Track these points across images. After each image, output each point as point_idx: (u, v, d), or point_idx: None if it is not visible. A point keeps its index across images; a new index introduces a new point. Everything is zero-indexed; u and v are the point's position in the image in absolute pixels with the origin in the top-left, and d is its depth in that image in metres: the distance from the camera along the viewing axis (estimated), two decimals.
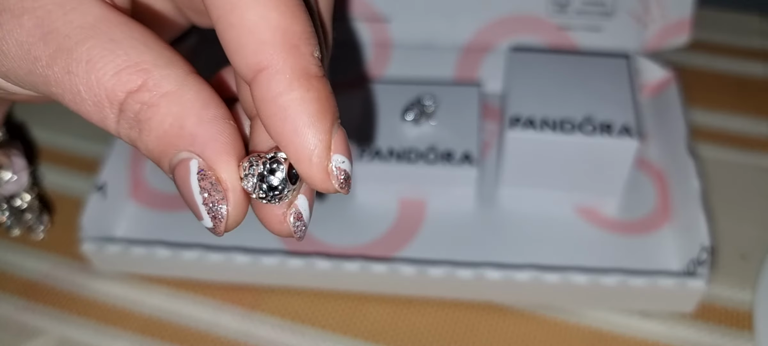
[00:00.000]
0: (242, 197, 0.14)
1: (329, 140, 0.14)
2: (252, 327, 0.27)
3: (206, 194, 0.14)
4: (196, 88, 0.14)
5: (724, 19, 0.39)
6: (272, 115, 0.14)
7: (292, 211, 0.15)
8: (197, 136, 0.14)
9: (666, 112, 0.32)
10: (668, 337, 0.26)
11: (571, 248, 0.29)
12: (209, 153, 0.14)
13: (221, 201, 0.14)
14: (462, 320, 0.27)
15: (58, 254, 0.30)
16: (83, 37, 0.13)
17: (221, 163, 0.14)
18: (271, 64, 0.14)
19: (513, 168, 0.29)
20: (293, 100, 0.14)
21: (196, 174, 0.14)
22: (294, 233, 0.15)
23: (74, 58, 0.13)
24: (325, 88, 0.14)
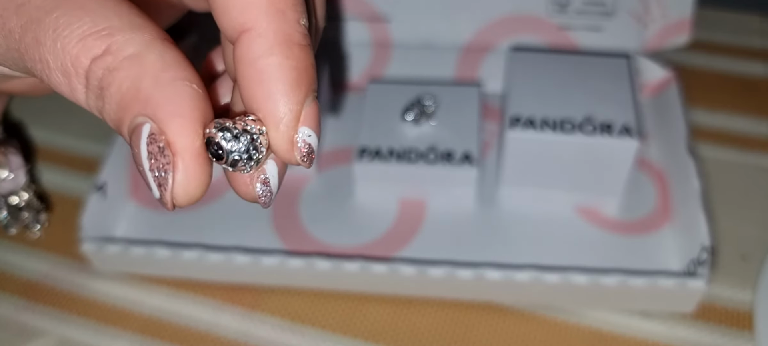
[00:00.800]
0: (195, 163, 0.13)
1: (300, 111, 0.14)
2: (252, 327, 0.27)
3: (153, 159, 0.13)
4: (159, 51, 0.13)
5: (724, 19, 0.39)
6: (248, 77, 0.14)
7: (259, 176, 0.15)
8: (151, 98, 0.13)
9: (666, 112, 0.32)
10: (668, 337, 0.26)
11: (572, 248, 0.29)
12: (161, 115, 0.13)
13: (167, 166, 0.13)
14: (462, 320, 0.27)
15: (57, 254, 0.30)
16: (52, 7, 0.13)
17: (173, 126, 0.13)
18: (255, 26, 0.13)
19: (513, 168, 0.29)
20: (271, 65, 0.13)
21: (146, 138, 0.13)
22: (259, 198, 0.15)
23: (42, 27, 0.13)
24: (306, 57, 0.14)
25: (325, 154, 0.33)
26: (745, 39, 0.38)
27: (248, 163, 0.14)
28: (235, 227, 0.30)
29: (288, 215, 0.31)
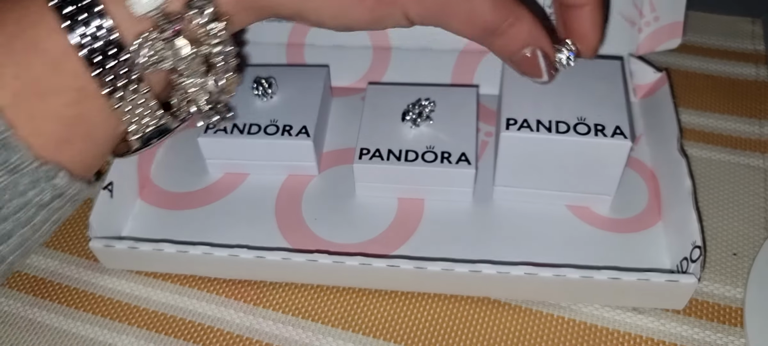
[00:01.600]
0: (551, 63, 0.25)
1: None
2: (256, 322, 0.28)
3: (547, 63, 0.25)
4: (528, 12, 0.24)
5: (715, 21, 0.40)
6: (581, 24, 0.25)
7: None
8: (538, 39, 0.24)
9: (658, 113, 0.33)
10: (660, 333, 0.27)
11: (566, 245, 0.29)
12: (547, 47, 0.25)
13: (550, 65, 0.25)
14: (459, 315, 0.28)
15: (66, 252, 0.31)
16: None
17: (549, 50, 0.25)
18: None
19: (508, 168, 0.30)
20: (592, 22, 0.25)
21: (541, 56, 0.25)
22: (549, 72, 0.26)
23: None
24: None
25: (326, 155, 0.34)
26: (736, 42, 0.39)
27: (563, 66, 0.27)
28: (239, 225, 0.31)
29: (291, 213, 0.31)
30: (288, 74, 0.34)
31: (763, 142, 0.33)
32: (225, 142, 0.32)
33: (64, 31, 0.18)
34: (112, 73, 0.18)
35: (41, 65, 0.18)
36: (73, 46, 0.18)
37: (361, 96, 0.34)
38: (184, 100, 0.21)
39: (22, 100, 0.18)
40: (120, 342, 0.27)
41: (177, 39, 0.19)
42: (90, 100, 0.19)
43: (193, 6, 0.19)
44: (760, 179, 0.32)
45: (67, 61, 0.18)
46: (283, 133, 0.31)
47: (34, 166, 0.18)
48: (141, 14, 0.18)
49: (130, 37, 0.19)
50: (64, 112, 0.18)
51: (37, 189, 0.18)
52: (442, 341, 0.27)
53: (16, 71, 0.18)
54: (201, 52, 0.19)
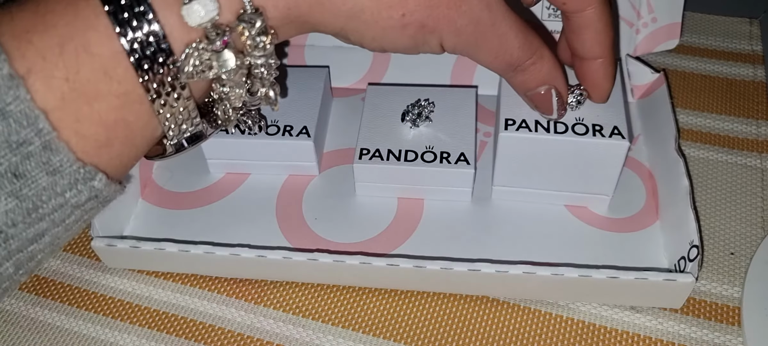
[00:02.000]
0: (564, 103, 0.27)
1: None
2: (257, 320, 0.28)
3: (559, 103, 0.27)
4: (549, 54, 0.25)
5: (713, 22, 0.40)
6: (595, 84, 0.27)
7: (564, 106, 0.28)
8: (555, 79, 0.26)
9: (656, 113, 0.33)
10: (658, 332, 0.27)
11: (564, 244, 0.29)
12: (560, 86, 0.26)
13: (561, 105, 0.27)
14: (458, 314, 0.28)
15: (68, 252, 0.31)
16: (492, 22, 0.23)
17: (563, 90, 0.27)
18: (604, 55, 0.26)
19: (507, 168, 0.30)
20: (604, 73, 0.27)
21: (555, 94, 0.26)
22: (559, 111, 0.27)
23: (490, 33, 0.23)
24: None
25: (326, 155, 0.34)
26: (733, 42, 0.39)
27: (571, 106, 0.28)
28: (240, 225, 0.31)
29: (291, 212, 0.32)
30: (289, 75, 0.34)
31: (760, 143, 0.33)
32: (226, 143, 0.32)
33: (116, 37, 0.18)
34: (159, 79, 0.19)
35: (91, 69, 0.18)
36: (123, 51, 0.18)
37: (361, 96, 0.34)
38: (223, 108, 0.21)
39: (69, 103, 0.18)
40: (122, 341, 0.28)
41: (225, 50, 0.19)
42: (134, 104, 0.19)
43: (243, 19, 0.19)
44: (757, 178, 0.32)
45: (116, 66, 0.18)
46: (283, 133, 0.31)
47: (74, 168, 0.18)
48: (194, 25, 0.19)
49: (180, 46, 0.19)
50: (108, 116, 0.19)
51: (75, 190, 0.19)
52: (441, 340, 0.27)
53: (67, 74, 0.18)
54: (245, 63, 0.20)
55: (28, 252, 0.19)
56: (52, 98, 0.18)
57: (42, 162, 0.18)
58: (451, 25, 0.22)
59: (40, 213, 0.18)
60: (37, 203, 0.18)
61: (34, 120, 0.17)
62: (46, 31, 0.18)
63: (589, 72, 0.27)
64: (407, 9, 0.21)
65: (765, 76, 0.37)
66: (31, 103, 0.17)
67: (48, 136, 0.18)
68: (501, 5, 0.23)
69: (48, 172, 0.18)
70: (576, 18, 0.25)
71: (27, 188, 0.18)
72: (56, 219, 0.19)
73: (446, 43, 0.23)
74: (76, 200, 0.19)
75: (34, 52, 0.18)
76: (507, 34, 0.23)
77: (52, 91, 0.18)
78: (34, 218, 0.18)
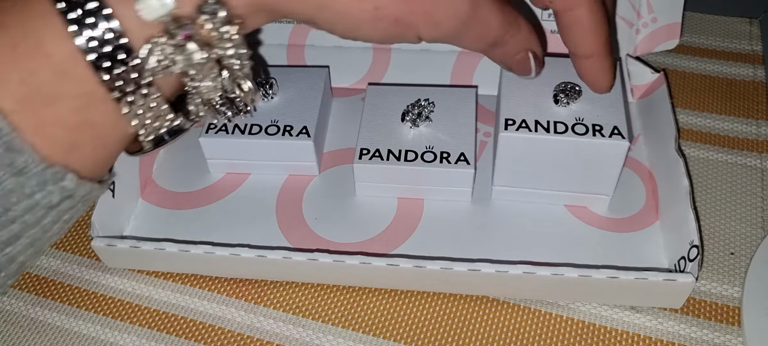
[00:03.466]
0: (541, 62, 0.27)
1: None
2: (257, 320, 0.28)
3: (536, 63, 0.26)
4: (526, 24, 0.25)
5: (713, 22, 0.40)
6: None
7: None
8: (533, 45, 0.26)
9: (656, 113, 0.33)
10: (658, 332, 0.27)
11: (564, 244, 0.29)
12: (537, 49, 0.26)
13: (539, 63, 0.27)
14: (458, 313, 0.28)
15: (68, 251, 0.31)
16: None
17: (540, 52, 0.26)
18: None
19: (507, 168, 0.30)
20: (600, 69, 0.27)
21: (532, 58, 0.26)
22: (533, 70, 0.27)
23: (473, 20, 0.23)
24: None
25: (326, 155, 0.34)
26: (733, 42, 0.39)
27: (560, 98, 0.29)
28: (240, 225, 0.31)
29: (291, 212, 0.32)
30: (289, 75, 0.34)
31: (760, 142, 0.34)
32: (226, 143, 0.32)
33: (71, 36, 0.17)
34: (121, 78, 0.18)
35: (47, 71, 0.18)
36: (79, 51, 0.18)
37: (361, 96, 0.34)
38: (197, 102, 0.21)
39: (27, 106, 0.17)
40: (122, 341, 0.28)
41: (188, 43, 0.18)
42: (98, 105, 0.18)
43: (203, 10, 0.18)
44: (757, 178, 0.32)
45: (73, 66, 0.18)
46: (283, 133, 0.31)
47: (40, 168, 0.18)
48: (150, 19, 0.18)
49: (139, 42, 0.18)
50: (71, 118, 0.18)
51: (45, 191, 0.18)
52: (441, 340, 0.27)
53: (21, 77, 0.17)
54: (213, 56, 0.19)
55: (5, 255, 0.19)
56: (9, 101, 0.17)
57: (5, 163, 0.17)
58: (428, 19, 0.21)
59: (11, 216, 0.18)
60: (6, 205, 0.18)
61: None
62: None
63: (584, 68, 0.27)
64: (380, 3, 0.20)
65: (765, 76, 0.37)
66: None
67: (8, 137, 0.17)
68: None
69: (13, 173, 0.17)
70: (565, 16, 0.25)
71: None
72: (29, 221, 0.18)
73: (425, 36, 0.22)
74: (47, 201, 0.18)
75: None
76: (487, 16, 0.23)
77: (8, 95, 0.17)
78: (5, 221, 0.18)
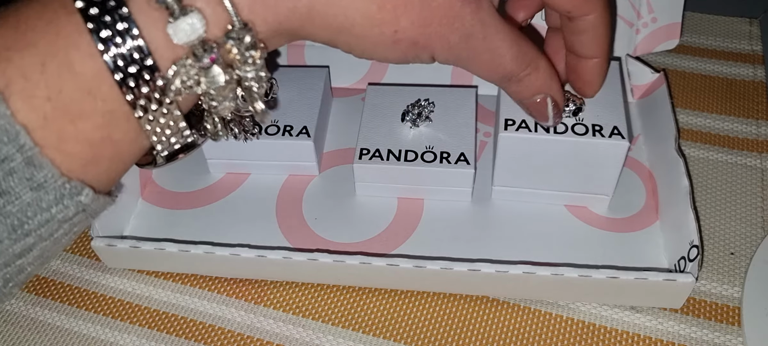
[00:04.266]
0: (560, 110, 0.27)
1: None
2: (257, 320, 0.28)
3: (554, 111, 0.27)
4: (545, 64, 0.25)
5: (713, 22, 0.40)
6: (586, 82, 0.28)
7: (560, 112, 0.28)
8: (551, 88, 0.26)
9: (656, 113, 0.33)
10: (658, 331, 0.27)
11: (564, 244, 0.30)
12: (557, 97, 0.27)
13: (557, 113, 0.27)
14: (458, 313, 0.28)
15: (68, 251, 0.31)
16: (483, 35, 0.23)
17: (559, 98, 0.27)
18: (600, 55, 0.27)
19: (507, 168, 0.30)
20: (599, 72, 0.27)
21: (550, 103, 0.26)
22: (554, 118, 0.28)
23: (481, 47, 0.23)
24: None
25: (326, 155, 0.34)
26: (733, 42, 0.39)
27: (568, 114, 0.29)
28: (240, 225, 0.31)
29: (292, 212, 0.32)
30: (289, 75, 0.34)
31: (759, 142, 0.34)
32: (226, 143, 0.32)
33: (99, 55, 0.18)
34: (146, 97, 0.18)
35: (74, 89, 0.18)
36: (107, 70, 0.18)
37: (361, 96, 0.34)
38: (212, 120, 0.21)
39: (52, 122, 0.18)
40: (122, 341, 0.28)
41: (213, 66, 0.19)
42: (120, 122, 0.19)
43: (231, 36, 0.19)
44: (757, 178, 0.32)
45: (100, 85, 0.18)
46: (284, 133, 0.31)
47: (59, 183, 0.18)
48: (181, 43, 0.18)
49: (166, 63, 0.18)
50: (94, 134, 0.18)
51: (61, 206, 0.18)
52: (441, 340, 0.27)
53: (49, 93, 0.18)
54: (235, 77, 0.19)
55: (16, 266, 0.19)
56: (34, 117, 0.17)
57: (25, 178, 0.17)
58: (443, 42, 0.22)
59: (26, 229, 0.18)
60: (22, 219, 0.18)
61: (15, 136, 0.17)
62: (27, 49, 0.17)
63: (584, 70, 0.27)
64: (399, 26, 0.21)
65: (765, 76, 0.37)
66: (10, 118, 0.17)
67: (30, 152, 0.17)
68: (494, 19, 0.23)
69: (31, 188, 0.18)
70: (578, 21, 0.25)
71: (10, 205, 0.17)
72: (43, 234, 0.19)
73: (438, 57, 0.23)
74: (63, 215, 0.19)
75: (14, 70, 0.17)
76: (499, 47, 0.23)
77: (34, 111, 0.17)
78: (20, 234, 0.18)
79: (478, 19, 0.22)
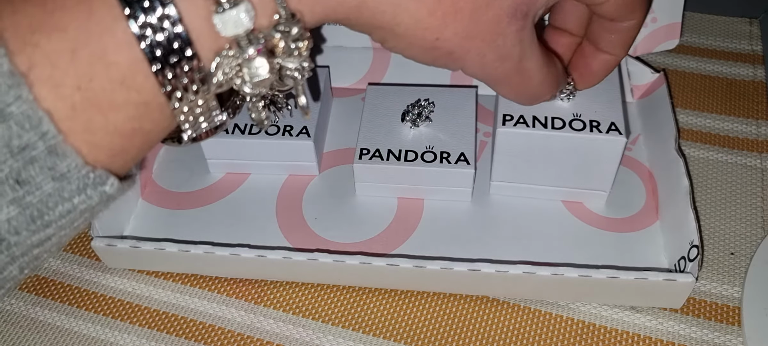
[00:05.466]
0: None
1: None
2: (257, 320, 0.28)
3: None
4: (564, 77, 0.27)
5: (713, 22, 0.40)
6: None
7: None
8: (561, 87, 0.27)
9: (656, 113, 0.33)
10: (658, 331, 0.27)
11: (564, 244, 0.30)
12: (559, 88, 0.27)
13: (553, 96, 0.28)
14: (458, 313, 0.28)
15: (68, 251, 0.31)
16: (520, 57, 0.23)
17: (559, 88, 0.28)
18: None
19: (505, 163, 0.30)
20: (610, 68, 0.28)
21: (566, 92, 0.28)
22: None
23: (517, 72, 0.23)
24: None
25: (326, 155, 0.34)
26: (733, 42, 0.39)
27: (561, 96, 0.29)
28: (240, 225, 0.31)
29: (292, 212, 0.32)
30: None
31: (760, 142, 0.34)
32: (226, 143, 0.32)
33: (136, 43, 0.16)
34: (183, 88, 0.17)
35: (107, 79, 0.16)
36: (144, 60, 0.16)
37: (361, 96, 0.34)
38: (257, 108, 0.20)
39: (80, 113, 0.16)
40: (122, 341, 0.28)
41: (257, 59, 0.18)
42: (153, 113, 0.18)
43: (279, 28, 0.18)
44: (757, 178, 0.32)
45: (135, 75, 0.17)
46: (284, 133, 0.31)
47: (83, 172, 0.17)
48: (228, 35, 0.17)
49: (208, 53, 0.17)
50: (124, 126, 0.17)
51: (84, 196, 0.17)
52: (441, 339, 0.27)
53: (78, 83, 0.16)
54: (276, 68, 0.18)
55: (33, 255, 0.18)
56: (62, 107, 0.16)
57: (47, 167, 0.16)
58: (478, 58, 0.22)
59: (46, 220, 0.17)
60: (43, 209, 0.17)
61: (38, 122, 0.16)
62: (55, 33, 0.16)
63: (597, 63, 0.27)
64: (443, 35, 0.20)
65: (765, 76, 0.37)
66: (34, 103, 0.16)
67: (53, 140, 0.16)
68: (533, 41, 0.22)
69: (54, 178, 0.16)
70: (618, 23, 0.25)
71: (30, 196, 0.16)
72: (64, 224, 0.18)
73: (467, 70, 0.22)
74: (85, 206, 0.17)
75: (40, 55, 0.16)
76: (531, 71, 0.23)
77: (62, 100, 0.16)
78: (40, 225, 0.17)
79: (519, 39, 0.22)
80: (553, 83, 0.25)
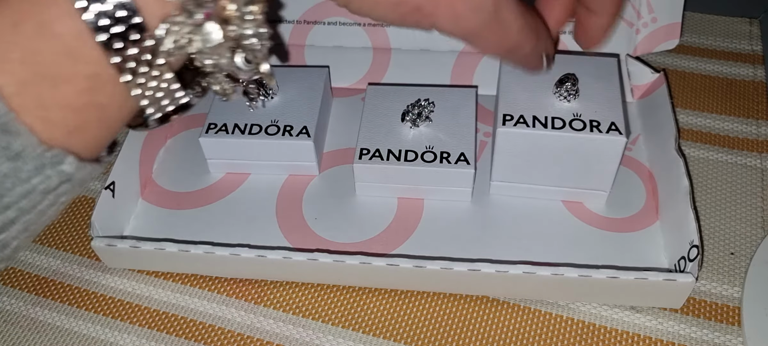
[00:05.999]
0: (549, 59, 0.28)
1: None
2: (257, 320, 0.28)
3: (547, 63, 0.27)
4: (544, 28, 0.26)
5: (713, 22, 0.40)
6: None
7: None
8: (547, 48, 0.26)
9: (656, 113, 0.33)
10: (658, 331, 0.27)
11: (564, 244, 0.30)
12: (550, 50, 0.27)
13: (549, 62, 0.27)
14: (458, 313, 0.28)
15: (68, 251, 0.31)
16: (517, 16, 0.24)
17: (552, 51, 0.27)
18: None
19: (505, 163, 0.30)
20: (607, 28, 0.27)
21: (545, 59, 0.27)
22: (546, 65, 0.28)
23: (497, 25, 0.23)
24: None
25: (326, 155, 0.34)
26: (733, 42, 0.39)
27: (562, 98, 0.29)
28: (240, 225, 0.31)
29: (292, 212, 0.32)
30: (289, 75, 0.34)
31: (760, 143, 0.34)
32: (226, 143, 0.32)
33: (79, 13, 0.16)
34: (133, 59, 0.17)
35: (53, 51, 0.16)
36: (89, 30, 0.16)
37: (361, 96, 0.34)
38: (217, 80, 0.20)
39: (29, 87, 0.16)
40: (122, 341, 0.28)
41: (207, 23, 0.17)
42: (106, 86, 0.17)
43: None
44: (757, 178, 0.32)
45: (82, 47, 0.16)
46: (284, 133, 0.31)
47: (38, 152, 0.17)
48: (174, 0, 0.17)
49: (155, 21, 0.17)
50: (77, 100, 0.17)
51: (43, 176, 0.17)
52: (441, 339, 0.27)
53: (24, 56, 0.16)
54: (230, 35, 0.18)
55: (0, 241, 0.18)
56: (10, 82, 0.16)
57: (1, 147, 0.16)
58: (449, 11, 0.21)
59: (6, 202, 0.17)
60: (1, 190, 0.17)
61: None
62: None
63: (591, 25, 0.27)
64: None
65: (765, 76, 0.37)
66: None
67: (4, 119, 0.16)
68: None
69: (8, 157, 0.16)
70: None
71: None
72: (25, 206, 0.17)
73: (440, 27, 0.22)
74: (45, 186, 0.17)
75: None
76: (508, 20, 0.22)
77: (9, 75, 0.16)
78: (0, 207, 0.17)
79: None
80: (533, 31, 0.24)
